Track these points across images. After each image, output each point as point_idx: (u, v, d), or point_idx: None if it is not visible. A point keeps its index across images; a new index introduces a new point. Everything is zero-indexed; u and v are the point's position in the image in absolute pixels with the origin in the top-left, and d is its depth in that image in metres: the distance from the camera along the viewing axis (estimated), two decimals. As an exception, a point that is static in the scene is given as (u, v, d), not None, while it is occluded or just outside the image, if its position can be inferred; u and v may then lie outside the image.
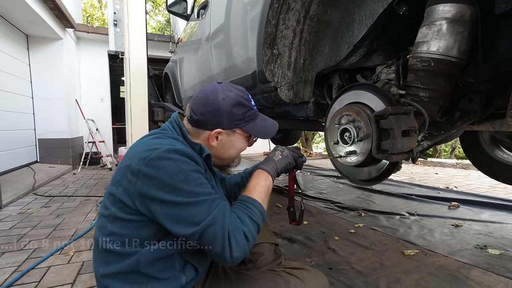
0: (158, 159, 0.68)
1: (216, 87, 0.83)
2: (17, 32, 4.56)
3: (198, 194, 0.68)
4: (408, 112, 0.96)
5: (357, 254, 1.62)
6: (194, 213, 0.67)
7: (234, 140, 0.86)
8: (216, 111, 0.80)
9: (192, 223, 0.66)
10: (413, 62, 1.02)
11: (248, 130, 0.85)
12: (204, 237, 0.67)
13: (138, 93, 2.44)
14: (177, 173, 0.67)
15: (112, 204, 0.74)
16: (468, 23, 0.93)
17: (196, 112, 0.82)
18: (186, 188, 0.67)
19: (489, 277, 1.37)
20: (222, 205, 0.71)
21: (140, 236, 0.72)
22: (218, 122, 0.81)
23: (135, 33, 2.35)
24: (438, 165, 5.26)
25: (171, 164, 0.68)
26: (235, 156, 0.90)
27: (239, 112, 0.82)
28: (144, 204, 0.69)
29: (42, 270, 1.49)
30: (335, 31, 1.37)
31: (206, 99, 0.81)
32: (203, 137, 0.83)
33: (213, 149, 0.84)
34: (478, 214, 2.34)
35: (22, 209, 2.66)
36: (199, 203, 0.68)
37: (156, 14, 15.26)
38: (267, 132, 0.90)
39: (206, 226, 0.66)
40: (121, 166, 0.75)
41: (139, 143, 0.77)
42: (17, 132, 4.47)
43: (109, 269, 0.73)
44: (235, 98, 0.82)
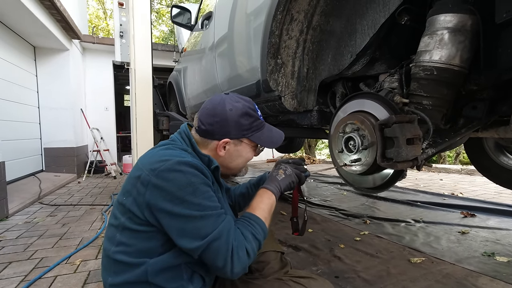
0: (168, 171, 0.69)
1: (224, 98, 0.85)
2: (24, 44, 4.65)
3: (206, 207, 0.70)
4: (412, 120, 0.98)
5: (363, 262, 1.61)
6: (200, 227, 0.68)
7: (241, 149, 0.87)
8: (224, 121, 0.82)
9: (198, 237, 0.68)
10: (416, 70, 1.04)
11: (254, 139, 0.87)
12: (208, 251, 0.68)
13: (143, 102, 2.48)
14: (186, 186, 0.69)
15: (122, 214, 0.75)
16: (469, 32, 0.94)
17: (204, 122, 0.84)
18: (194, 201, 0.68)
19: (497, 285, 1.35)
20: (227, 220, 0.73)
21: (148, 246, 0.73)
22: (225, 132, 0.83)
23: (141, 44, 2.39)
24: (443, 171, 5.22)
25: (180, 176, 0.69)
26: (242, 166, 0.92)
27: (246, 122, 0.84)
28: (152, 214, 0.70)
29: (49, 280, 1.49)
30: (338, 40, 1.39)
31: (214, 110, 0.83)
32: (211, 147, 0.85)
33: (220, 158, 0.86)
34: (484, 221, 2.32)
35: (28, 218, 2.68)
36: (206, 217, 0.69)
37: (159, 24, 15.50)
38: (273, 142, 0.91)
39: (211, 240, 0.67)
40: (131, 176, 0.76)
41: (149, 154, 0.78)
42: (24, 142, 4.53)
43: (118, 279, 0.74)
44: (242, 109, 0.84)
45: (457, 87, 1.04)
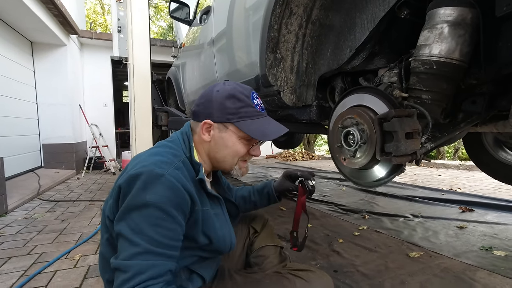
0: (134, 179, 0.66)
1: (219, 83, 0.84)
2: (22, 39, 4.62)
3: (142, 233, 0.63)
4: (411, 114, 0.97)
5: (361, 256, 1.62)
6: (122, 249, 0.63)
7: (227, 137, 0.80)
8: (208, 102, 0.79)
9: (117, 255, 0.64)
10: (415, 65, 1.03)
11: (240, 127, 0.78)
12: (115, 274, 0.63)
13: (142, 98, 2.46)
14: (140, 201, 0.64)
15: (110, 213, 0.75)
16: (469, 26, 0.94)
17: (195, 103, 0.84)
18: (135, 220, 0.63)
19: (494, 278, 1.36)
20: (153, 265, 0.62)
21: None
22: (208, 113, 0.79)
23: (139, 39, 2.38)
24: (442, 167, 5.24)
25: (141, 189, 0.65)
26: (231, 160, 0.83)
27: (231, 105, 0.78)
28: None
29: (49, 275, 1.50)
30: (337, 35, 1.38)
31: (205, 91, 0.83)
32: (198, 131, 0.82)
33: (206, 145, 0.82)
34: (482, 215, 2.33)
35: (28, 214, 2.68)
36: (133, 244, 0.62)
37: (158, 19, 15.40)
38: (264, 134, 0.79)
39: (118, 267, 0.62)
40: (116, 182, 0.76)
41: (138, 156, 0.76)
42: (22, 138, 4.52)
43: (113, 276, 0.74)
44: (230, 91, 0.79)
45: (456, 82, 1.04)
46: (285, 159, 7.29)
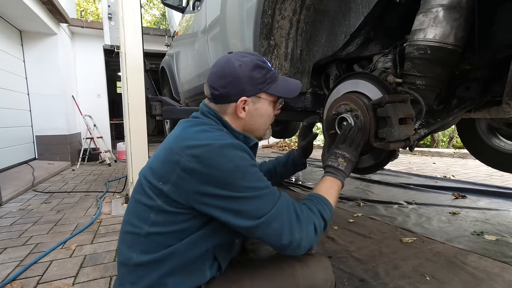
0: (212, 157, 0.66)
1: (229, 57, 0.80)
2: (10, 28, 4.50)
3: (258, 188, 0.68)
4: (405, 100, 0.97)
5: (356, 242, 1.64)
6: (257, 207, 0.67)
7: (261, 107, 0.82)
8: (236, 79, 0.77)
9: (255, 216, 0.66)
10: (409, 50, 1.02)
11: (272, 91, 0.81)
12: (268, 230, 0.67)
13: (135, 87, 2.42)
14: (235, 171, 0.67)
15: (158, 196, 0.71)
16: (464, 9, 0.93)
17: (216, 87, 0.79)
18: (245, 185, 0.67)
19: (485, 262, 1.40)
20: (284, 196, 0.71)
21: (185, 227, 0.71)
22: (241, 91, 0.78)
23: (130, 26, 2.32)
24: (436, 155, 5.29)
25: (227, 161, 0.66)
26: (265, 126, 0.87)
27: (259, 75, 0.79)
28: (199, 200, 0.68)
29: (45, 264, 1.50)
30: (331, 20, 1.36)
31: (223, 71, 0.78)
32: (230, 112, 0.80)
33: (242, 121, 0.81)
34: (475, 201, 2.37)
35: (23, 205, 2.67)
36: (261, 197, 0.67)
37: (151, 8, 15.08)
38: (291, 90, 0.85)
39: (271, 219, 0.66)
40: (166, 160, 0.72)
41: (183, 136, 0.73)
42: (14, 129, 4.45)
43: (145, 258, 0.72)
44: (252, 61, 0.79)
45: (451, 67, 1.03)
46: (281, 149, 7.30)
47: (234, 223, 0.67)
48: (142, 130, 2.51)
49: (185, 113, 2.75)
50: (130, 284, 0.73)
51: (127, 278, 0.74)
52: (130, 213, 0.78)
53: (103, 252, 1.64)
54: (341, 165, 0.89)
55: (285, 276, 0.83)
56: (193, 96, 3.05)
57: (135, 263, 0.72)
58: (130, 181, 2.51)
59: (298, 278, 0.82)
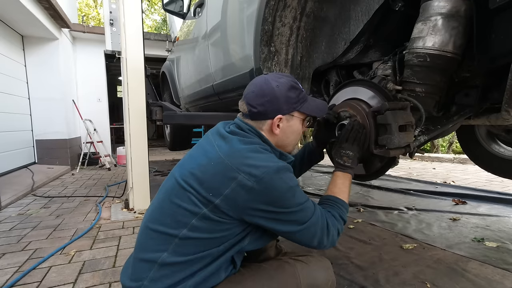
0: (272, 180, 0.73)
1: (267, 78, 0.86)
2: (12, 33, 4.52)
3: (303, 203, 0.78)
4: (405, 107, 0.98)
5: (356, 249, 1.63)
6: (301, 216, 0.78)
7: (293, 124, 0.88)
8: (274, 98, 0.83)
9: (300, 223, 0.77)
10: (409, 57, 1.03)
11: (304, 110, 0.88)
12: (306, 234, 0.78)
13: (136, 92, 2.43)
14: (287, 191, 0.75)
15: (204, 205, 0.74)
16: (463, 18, 0.94)
17: (254, 105, 0.84)
18: (295, 202, 0.77)
19: (486, 269, 1.39)
20: (317, 207, 0.83)
21: (223, 236, 0.77)
22: (277, 109, 0.84)
23: (132, 32, 2.33)
24: (436, 160, 5.29)
25: (282, 183, 0.75)
26: (296, 142, 0.93)
27: (293, 95, 0.85)
28: (250, 214, 0.75)
29: (43, 270, 1.49)
30: (331, 27, 1.37)
31: (262, 90, 0.84)
32: (265, 128, 0.86)
33: (276, 137, 0.87)
34: (475, 207, 2.37)
35: (22, 210, 2.66)
36: (304, 209, 0.78)
37: (152, 13, 15.19)
38: (320, 109, 0.94)
39: (310, 225, 0.78)
40: (217, 173, 0.75)
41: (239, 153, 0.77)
42: (14, 133, 4.45)
43: (176, 258, 0.74)
44: (288, 83, 0.85)
45: (450, 74, 1.04)
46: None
47: (279, 229, 0.78)
48: (142, 134, 2.52)
49: (186, 118, 2.76)
50: (150, 281, 0.74)
51: (148, 275, 0.75)
52: (163, 213, 0.79)
53: (102, 258, 1.63)
54: (347, 162, 0.97)
55: (287, 276, 0.85)
56: (193, 101, 3.06)
57: (164, 262, 0.74)
58: (130, 186, 2.51)
59: (300, 278, 0.85)
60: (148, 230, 0.79)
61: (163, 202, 0.81)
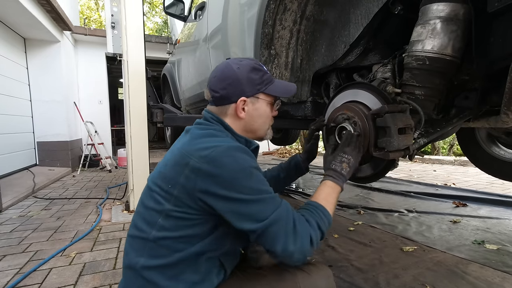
0: (219, 157, 0.69)
1: (228, 62, 0.85)
2: (14, 35, 4.55)
3: (261, 191, 0.70)
4: (404, 110, 0.98)
5: (356, 251, 1.63)
6: (259, 210, 0.68)
7: (260, 107, 0.86)
8: (236, 80, 0.82)
9: (257, 219, 0.68)
10: (408, 60, 1.04)
11: (270, 92, 0.86)
12: (266, 234, 0.68)
13: (137, 94, 2.45)
14: (239, 171, 0.69)
15: (166, 200, 0.73)
16: (461, 21, 0.94)
17: (216, 89, 0.83)
18: (248, 185, 0.69)
19: (486, 271, 1.39)
20: (284, 204, 0.73)
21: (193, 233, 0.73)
22: (240, 91, 0.82)
23: (133, 34, 2.35)
24: (437, 162, 5.28)
25: (232, 162, 0.69)
26: (266, 126, 0.90)
27: (256, 76, 0.84)
28: (203, 200, 0.70)
29: (44, 272, 1.50)
30: (331, 30, 1.38)
31: (223, 74, 0.83)
32: (230, 113, 0.84)
33: (242, 122, 0.85)
34: (476, 210, 2.36)
35: (23, 212, 2.67)
36: (263, 201, 0.69)
37: (153, 15, 15.25)
38: (287, 90, 0.90)
39: (270, 223, 0.67)
40: (175, 163, 0.74)
41: (193, 141, 0.76)
42: (16, 135, 4.47)
43: (153, 262, 0.72)
44: (249, 64, 0.84)
45: (449, 77, 1.04)
46: (281, 156, 7.31)
47: (236, 225, 0.69)
48: (143, 136, 2.53)
49: (186, 121, 2.76)
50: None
51: (134, 282, 0.74)
52: (138, 218, 0.79)
53: (102, 260, 1.63)
54: (345, 169, 0.90)
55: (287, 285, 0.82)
56: (194, 104, 3.07)
57: (143, 266, 0.73)
58: (130, 188, 2.51)
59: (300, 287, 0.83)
60: (128, 237, 0.80)
61: (138, 207, 0.82)
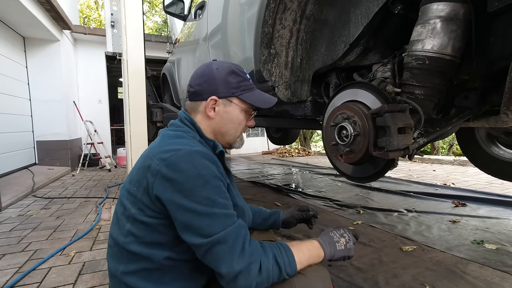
0: (178, 162, 0.67)
1: (211, 62, 0.86)
2: (13, 34, 4.55)
3: (215, 203, 0.66)
4: (404, 109, 0.98)
5: (355, 251, 1.62)
6: (207, 225, 0.64)
7: (231, 111, 0.84)
8: (211, 79, 0.82)
9: (203, 234, 0.64)
10: (408, 60, 1.04)
11: (245, 98, 0.84)
12: (210, 253, 0.63)
13: (136, 94, 2.44)
14: (196, 178, 0.65)
15: (132, 204, 0.73)
16: (461, 21, 0.94)
17: (192, 84, 0.84)
18: (203, 195, 0.65)
19: (485, 271, 1.39)
20: (238, 224, 0.68)
21: (159, 240, 0.71)
22: (213, 90, 0.82)
23: (133, 34, 2.35)
24: (436, 162, 5.29)
25: (191, 167, 0.66)
26: (235, 133, 0.87)
27: (233, 80, 0.83)
28: (161, 204, 0.68)
29: (43, 271, 1.49)
30: (331, 30, 1.38)
31: (202, 71, 0.84)
32: (200, 110, 0.83)
33: (212, 122, 0.83)
34: (475, 210, 2.37)
35: (22, 211, 2.67)
36: (214, 216, 0.65)
37: (153, 14, 15.23)
38: (265, 101, 0.87)
39: (215, 242, 0.63)
40: (140, 166, 0.74)
41: (160, 143, 0.76)
42: (15, 135, 4.47)
43: (132, 267, 0.71)
44: (229, 67, 0.84)
45: (449, 77, 1.04)
46: (281, 155, 7.31)
47: (182, 236, 0.67)
48: (142, 136, 2.52)
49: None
50: None
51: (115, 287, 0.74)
52: (113, 227, 0.79)
53: (102, 259, 1.63)
54: (340, 244, 0.82)
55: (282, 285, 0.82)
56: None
57: (123, 272, 0.72)
58: (130, 187, 2.51)
59: None
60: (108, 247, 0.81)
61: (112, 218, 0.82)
